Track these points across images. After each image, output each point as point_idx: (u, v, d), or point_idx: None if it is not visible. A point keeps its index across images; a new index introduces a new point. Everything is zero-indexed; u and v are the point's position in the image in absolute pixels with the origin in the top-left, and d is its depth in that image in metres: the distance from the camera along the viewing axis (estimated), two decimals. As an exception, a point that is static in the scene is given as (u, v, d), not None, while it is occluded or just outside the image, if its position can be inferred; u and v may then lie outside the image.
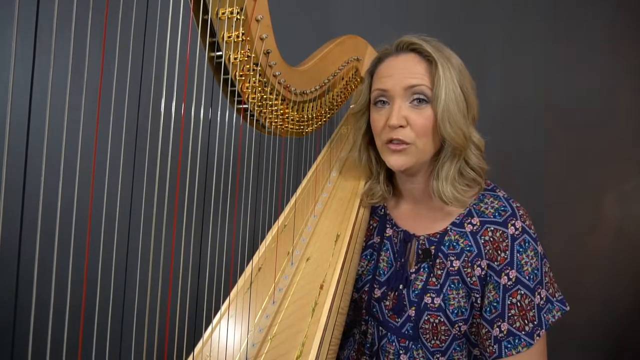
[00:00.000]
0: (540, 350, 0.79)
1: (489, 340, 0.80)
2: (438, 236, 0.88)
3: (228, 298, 0.79)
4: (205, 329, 0.77)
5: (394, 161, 0.86)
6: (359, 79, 1.16)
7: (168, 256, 0.60)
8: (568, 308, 0.81)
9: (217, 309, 0.79)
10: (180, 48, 0.56)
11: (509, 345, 0.77)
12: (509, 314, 0.78)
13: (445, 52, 0.84)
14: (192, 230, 0.66)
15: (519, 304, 0.78)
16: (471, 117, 0.85)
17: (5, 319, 0.43)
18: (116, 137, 0.57)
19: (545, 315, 0.79)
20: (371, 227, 1.01)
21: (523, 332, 0.77)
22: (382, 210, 1.00)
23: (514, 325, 0.78)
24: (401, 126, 0.83)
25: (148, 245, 0.59)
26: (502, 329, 0.78)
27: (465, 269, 0.83)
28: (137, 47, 0.57)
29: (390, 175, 0.99)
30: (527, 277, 0.79)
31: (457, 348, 0.85)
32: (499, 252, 0.81)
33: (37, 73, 0.46)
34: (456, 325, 0.83)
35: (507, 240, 0.81)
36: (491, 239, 0.82)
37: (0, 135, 0.51)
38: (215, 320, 0.78)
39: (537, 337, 0.77)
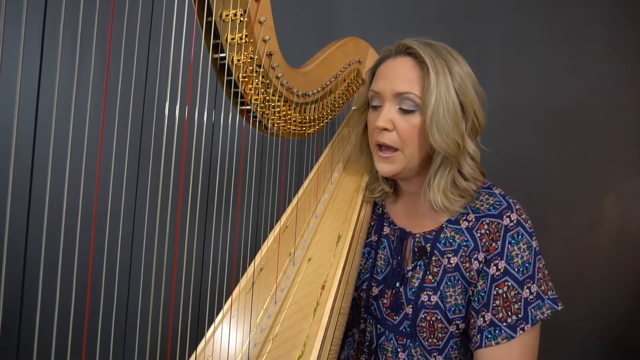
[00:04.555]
0: (525, 345, 0.76)
1: (474, 330, 0.79)
2: (434, 234, 0.88)
3: (230, 298, 0.80)
4: (208, 328, 0.78)
5: (381, 168, 0.88)
6: (360, 81, 1.16)
7: (171, 256, 0.60)
8: (560, 307, 0.79)
9: (220, 308, 0.79)
10: (184, 50, 0.57)
11: (490, 336, 0.77)
12: (494, 305, 0.78)
13: (447, 58, 0.82)
14: (195, 231, 0.66)
15: (504, 295, 0.78)
16: (469, 127, 0.83)
17: (10, 318, 0.44)
18: (121, 138, 0.58)
19: (533, 310, 0.77)
20: (369, 225, 1.01)
21: (504, 324, 0.76)
22: (380, 209, 1.01)
23: (497, 316, 0.77)
24: (387, 129, 0.84)
25: (152, 245, 0.60)
26: (486, 319, 0.78)
27: (463, 264, 0.83)
28: (142, 49, 0.58)
29: None
30: (516, 270, 0.78)
31: (454, 346, 0.86)
32: (492, 242, 0.81)
33: (43, 76, 0.46)
34: (453, 323, 0.83)
35: (500, 231, 0.81)
36: (487, 231, 0.83)
37: (7, 138, 0.51)
38: (217, 320, 0.78)
39: (521, 331, 0.75)
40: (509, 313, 0.77)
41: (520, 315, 0.76)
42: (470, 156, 0.84)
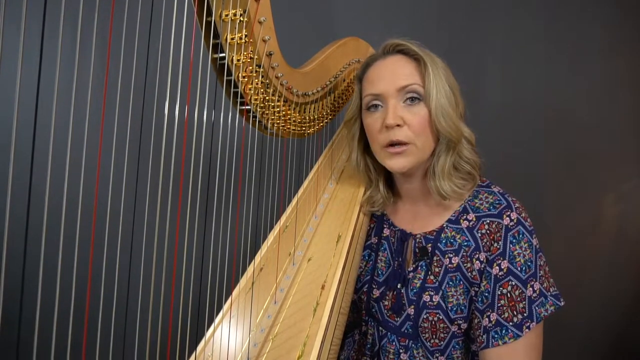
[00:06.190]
0: (530, 343, 0.77)
1: (479, 330, 0.80)
2: (434, 234, 0.88)
3: (230, 298, 0.80)
4: (208, 328, 0.78)
5: (395, 164, 0.87)
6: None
7: (171, 256, 0.60)
8: (562, 303, 0.80)
9: (219, 308, 0.79)
10: (184, 49, 0.57)
11: (496, 336, 0.77)
12: (499, 304, 0.78)
13: (428, 52, 0.87)
14: (195, 231, 0.66)
15: (509, 294, 0.78)
16: (459, 113, 0.87)
17: (10, 315, 0.44)
18: (120, 137, 0.58)
19: (537, 308, 0.78)
20: (369, 228, 1.01)
21: (511, 323, 0.77)
22: (380, 211, 1.00)
23: (503, 316, 0.78)
24: (398, 125, 0.84)
25: (152, 245, 0.60)
26: (491, 319, 0.78)
27: (465, 264, 0.84)
28: (142, 48, 0.58)
29: (388, 179, 1.00)
30: (519, 269, 0.79)
31: (456, 346, 0.86)
32: (494, 242, 0.82)
33: (43, 73, 0.46)
34: (455, 323, 0.83)
35: (501, 231, 0.82)
36: (488, 231, 0.83)
37: (6, 134, 0.52)
38: (217, 320, 0.78)
39: (527, 330, 0.76)
40: (515, 312, 0.77)
41: (525, 314, 0.77)
42: (467, 139, 0.88)
